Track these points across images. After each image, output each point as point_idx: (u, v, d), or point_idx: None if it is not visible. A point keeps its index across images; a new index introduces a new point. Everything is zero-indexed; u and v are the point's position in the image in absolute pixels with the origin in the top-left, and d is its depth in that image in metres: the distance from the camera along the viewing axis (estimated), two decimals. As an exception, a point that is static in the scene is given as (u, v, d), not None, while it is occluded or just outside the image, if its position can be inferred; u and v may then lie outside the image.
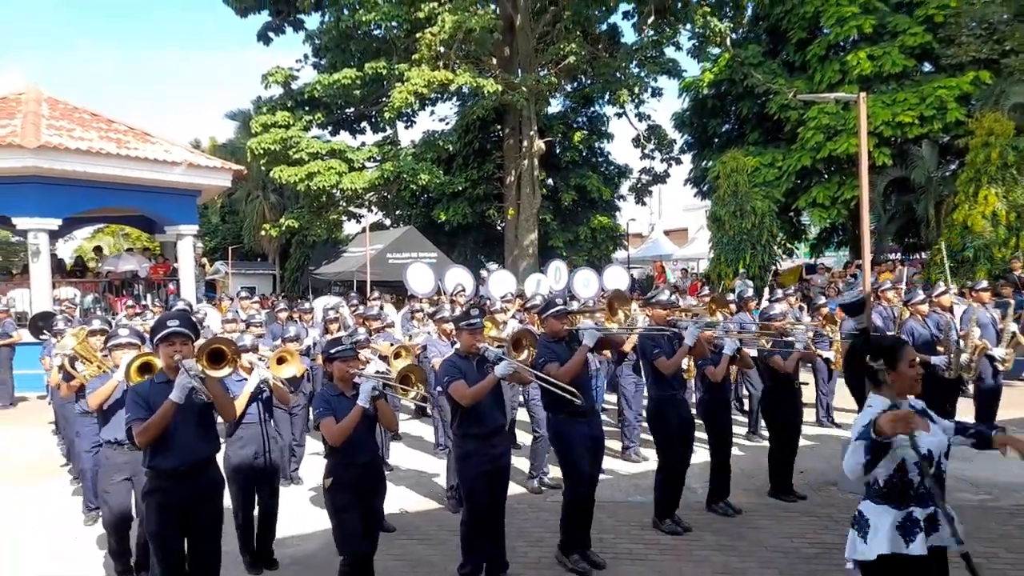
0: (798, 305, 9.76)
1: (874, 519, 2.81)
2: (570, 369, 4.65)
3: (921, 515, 2.76)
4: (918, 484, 2.76)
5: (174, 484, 3.58)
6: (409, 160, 20.62)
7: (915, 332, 7.37)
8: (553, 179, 24.82)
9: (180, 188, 15.37)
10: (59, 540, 5.74)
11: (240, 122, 31.11)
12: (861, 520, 2.87)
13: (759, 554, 4.98)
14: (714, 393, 5.88)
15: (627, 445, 7.66)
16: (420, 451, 8.35)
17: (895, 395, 2.85)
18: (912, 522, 2.75)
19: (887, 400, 2.83)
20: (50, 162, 12.86)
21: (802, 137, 17.73)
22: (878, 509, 2.82)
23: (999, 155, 13.82)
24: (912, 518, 2.76)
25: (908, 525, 2.75)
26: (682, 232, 36.06)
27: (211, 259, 31.57)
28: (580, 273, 13.91)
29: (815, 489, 6.34)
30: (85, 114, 15.29)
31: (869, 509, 2.85)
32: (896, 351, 2.90)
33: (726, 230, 17.09)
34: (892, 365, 2.85)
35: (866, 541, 2.81)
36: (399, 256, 20.75)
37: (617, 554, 5.03)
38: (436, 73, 18.45)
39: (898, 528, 2.76)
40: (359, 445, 4.06)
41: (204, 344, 3.69)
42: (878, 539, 2.77)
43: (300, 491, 6.84)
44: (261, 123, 21.01)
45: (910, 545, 2.73)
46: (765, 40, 20.59)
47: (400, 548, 5.25)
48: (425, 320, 9.04)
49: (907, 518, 2.76)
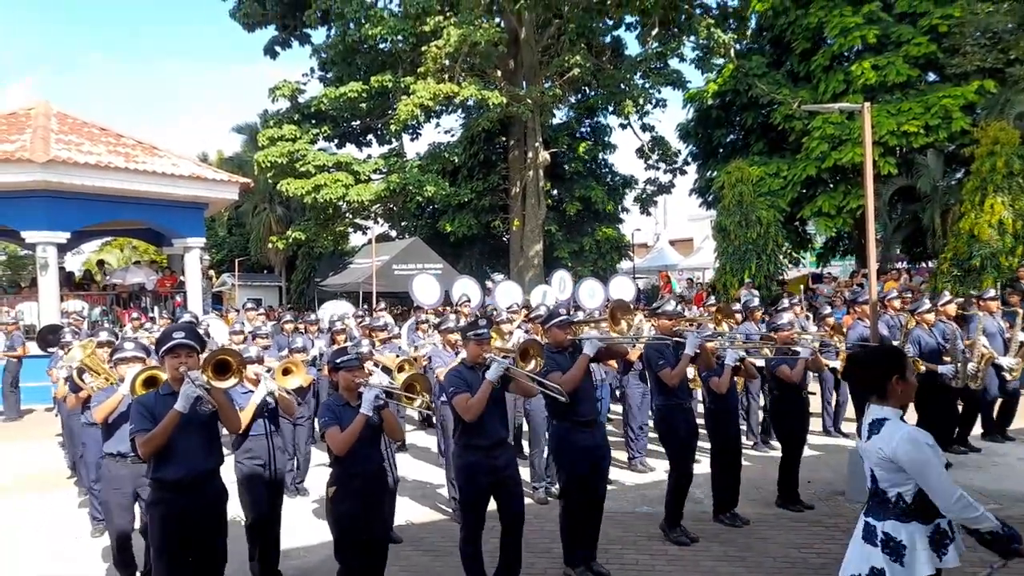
0: (804, 314, 9.74)
1: (908, 540, 2.65)
2: (571, 378, 4.64)
3: (946, 524, 2.67)
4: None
5: (178, 496, 3.58)
6: (415, 172, 20.72)
7: (921, 341, 7.35)
8: (558, 190, 24.89)
9: (187, 201, 15.46)
10: (65, 551, 5.75)
11: (247, 135, 31.34)
12: (891, 543, 2.67)
13: (766, 564, 4.95)
14: (720, 403, 5.86)
15: (633, 455, 7.62)
16: (425, 462, 8.34)
17: (899, 405, 2.78)
18: (941, 534, 2.66)
19: (896, 411, 2.76)
20: (59, 176, 12.96)
21: (807, 147, 17.73)
22: (908, 528, 2.66)
23: (1005, 164, 13.78)
24: (940, 530, 2.66)
25: (937, 538, 2.65)
26: (687, 242, 36.03)
27: (218, 271, 31.73)
28: (585, 283, 13.92)
29: (822, 499, 6.30)
30: (94, 128, 15.42)
31: (897, 530, 2.68)
32: (902, 360, 2.85)
33: (731, 240, 17.08)
34: (902, 375, 2.77)
35: (903, 565, 2.63)
36: (405, 267, 20.83)
37: (624, 564, 5.01)
38: (441, 86, 18.57)
39: (931, 544, 2.65)
40: (364, 455, 4.05)
41: (209, 355, 3.70)
42: (918, 560, 2.62)
43: (305, 502, 6.84)
44: (268, 136, 21.17)
45: (943, 558, 2.65)
46: (769, 51, 20.64)
47: (406, 559, 5.23)
48: (430, 331, 9.04)
49: (936, 531, 2.66)
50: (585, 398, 4.85)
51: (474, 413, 4.29)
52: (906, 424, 2.73)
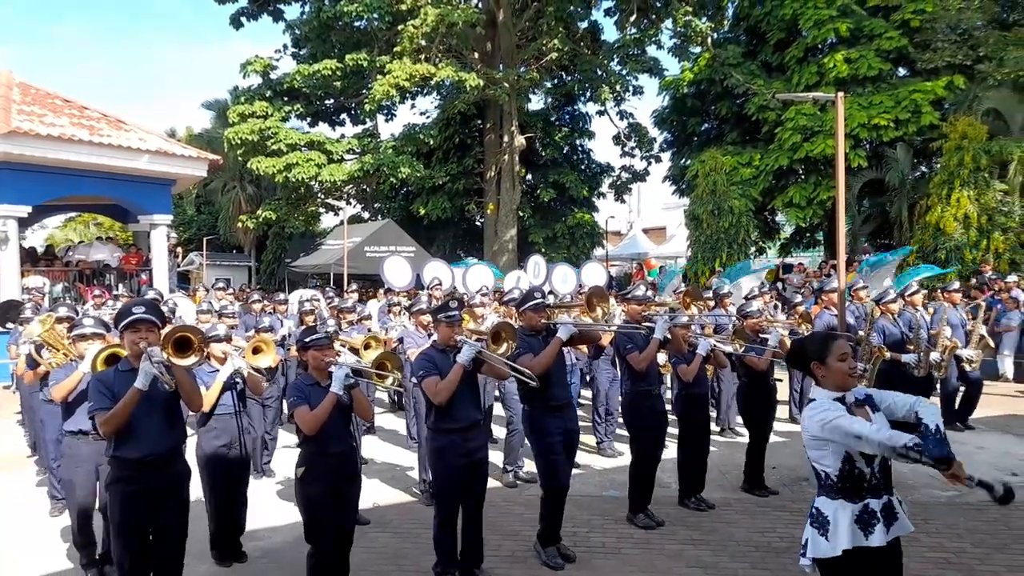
0: (772, 304, 9.84)
1: (832, 515, 2.79)
2: (542, 361, 4.61)
3: (877, 506, 2.78)
4: (870, 475, 2.78)
5: (138, 474, 3.50)
6: (389, 153, 20.51)
7: (886, 330, 7.46)
8: (533, 176, 24.82)
9: (154, 177, 15.12)
10: (25, 530, 5.62)
11: (217, 112, 30.69)
12: (819, 517, 2.84)
13: (731, 548, 5.01)
14: (690, 389, 5.90)
15: (601, 439, 7.67)
16: (394, 444, 8.30)
17: (837, 388, 2.87)
18: (869, 514, 2.77)
19: (831, 392, 2.87)
20: (20, 148, 12.60)
21: (780, 137, 17.89)
22: (834, 504, 2.80)
23: (972, 159, 14.06)
24: (869, 510, 2.77)
25: (865, 517, 2.76)
26: (660, 231, 36.22)
27: (185, 250, 31.15)
28: (558, 269, 13.94)
29: (787, 484, 6.40)
30: (57, 100, 14.99)
31: (825, 505, 2.83)
32: (824, 345, 2.93)
33: (704, 228, 17.22)
34: (821, 359, 2.89)
35: (827, 538, 2.79)
36: (377, 249, 20.64)
37: (591, 547, 5.04)
38: (418, 66, 18.36)
39: (856, 522, 2.76)
40: (333, 435, 4.00)
41: (170, 332, 3.60)
42: (839, 535, 2.75)
43: (270, 484, 6.77)
44: (239, 113, 20.77)
45: (870, 537, 2.75)
46: (745, 41, 20.75)
47: (373, 541, 5.20)
48: (402, 313, 8.97)
49: (864, 510, 2.77)
50: (557, 382, 4.84)
51: (443, 397, 4.25)
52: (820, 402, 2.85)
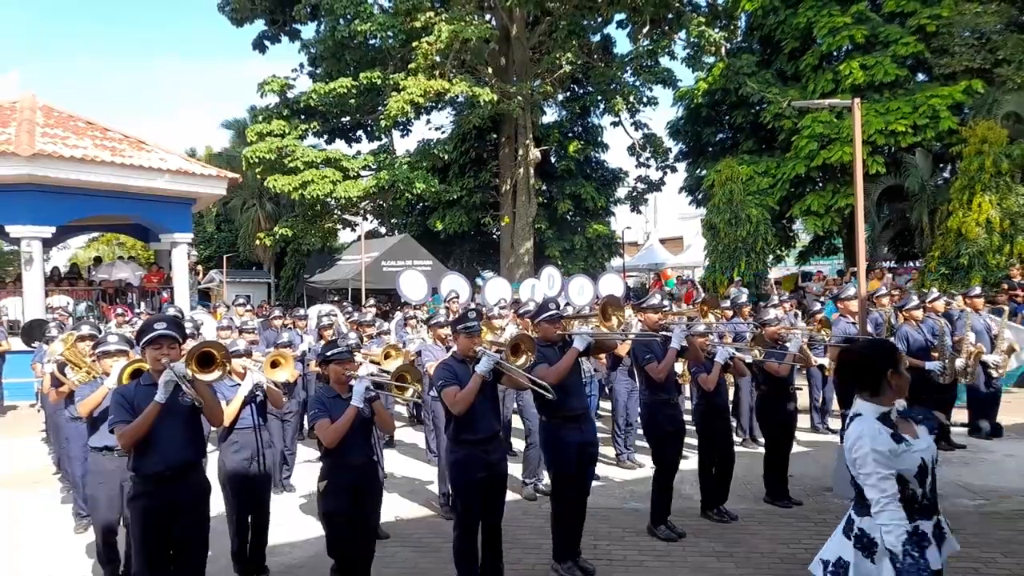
0: (793, 312, 9.76)
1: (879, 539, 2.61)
2: (558, 371, 4.59)
3: (928, 528, 2.64)
4: (921, 496, 2.64)
5: (158, 489, 3.52)
6: (404, 168, 20.65)
7: (910, 337, 7.37)
8: (549, 188, 24.88)
9: (175, 196, 15.32)
10: (49, 548, 5.67)
11: (235, 131, 31.14)
12: (865, 540, 2.65)
13: (755, 560, 4.94)
14: (710, 399, 5.84)
15: (621, 451, 7.62)
16: (413, 458, 8.30)
17: (891, 401, 2.75)
18: (920, 536, 2.62)
19: (879, 408, 2.73)
20: (44, 170, 12.82)
21: (796, 145, 17.80)
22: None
23: (992, 163, 13.88)
24: (919, 532, 2.62)
25: (916, 539, 2.61)
26: (678, 240, 36.13)
27: (206, 268, 31.51)
28: (575, 280, 13.91)
29: (810, 495, 6.31)
30: (80, 122, 15.26)
31: (872, 528, 2.65)
32: (893, 354, 2.83)
33: (721, 238, 17.12)
34: (896, 368, 2.75)
35: (873, 562, 2.61)
36: (394, 264, 20.75)
37: (612, 560, 4.99)
38: (432, 82, 18.51)
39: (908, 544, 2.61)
40: (354, 447, 4.01)
41: (194, 348, 3.65)
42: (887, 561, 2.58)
43: (292, 499, 6.79)
44: (256, 132, 21.03)
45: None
46: (759, 50, 20.71)
47: (394, 555, 5.19)
48: (419, 327, 9.00)
49: (915, 532, 2.61)
50: (574, 392, 4.81)
51: (462, 406, 4.25)
52: (867, 420, 2.70)
